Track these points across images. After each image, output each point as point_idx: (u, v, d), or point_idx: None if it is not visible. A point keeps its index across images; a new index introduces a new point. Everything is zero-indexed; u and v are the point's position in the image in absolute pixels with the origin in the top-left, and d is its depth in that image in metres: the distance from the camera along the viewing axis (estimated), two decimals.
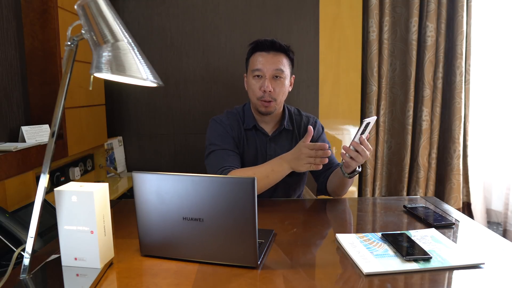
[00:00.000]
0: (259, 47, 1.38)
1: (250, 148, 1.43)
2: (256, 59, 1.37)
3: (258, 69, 1.36)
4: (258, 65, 1.36)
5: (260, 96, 1.36)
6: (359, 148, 1.14)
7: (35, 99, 1.62)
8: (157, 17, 2.28)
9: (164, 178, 0.85)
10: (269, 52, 1.36)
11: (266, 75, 1.35)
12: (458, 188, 2.32)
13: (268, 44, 1.36)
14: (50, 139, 0.80)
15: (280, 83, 1.37)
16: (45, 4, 1.56)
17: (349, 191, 2.39)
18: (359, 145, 1.14)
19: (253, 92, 1.38)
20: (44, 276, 0.83)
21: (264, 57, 1.36)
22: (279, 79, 1.37)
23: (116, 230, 1.07)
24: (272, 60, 1.35)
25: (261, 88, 1.35)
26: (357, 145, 1.14)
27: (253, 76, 1.38)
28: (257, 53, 1.38)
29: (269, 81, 1.35)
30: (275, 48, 1.36)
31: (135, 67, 0.76)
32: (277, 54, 1.37)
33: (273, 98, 1.36)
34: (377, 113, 2.34)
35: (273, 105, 1.38)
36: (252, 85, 1.38)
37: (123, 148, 2.40)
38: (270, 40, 1.37)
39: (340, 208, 1.32)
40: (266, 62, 1.35)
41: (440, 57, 2.26)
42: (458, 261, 0.84)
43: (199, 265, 0.86)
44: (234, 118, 1.45)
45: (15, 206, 1.31)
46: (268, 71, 1.35)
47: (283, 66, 1.36)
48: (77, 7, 0.76)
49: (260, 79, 1.37)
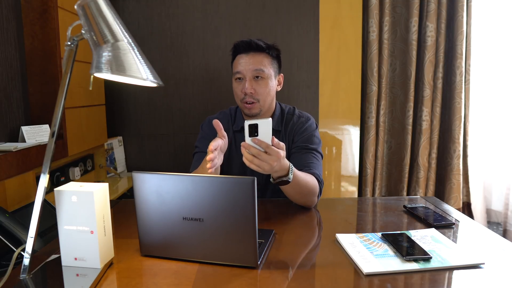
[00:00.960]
0: (237, 49, 1.37)
1: (238, 149, 1.40)
2: (237, 61, 1.36)
3: (238, 71, 1.34)
4: (238, 67, 1.34)
5: (242, 98, 1.35)
6: (252, 150, 0.99)
7: (35, 99, 1.62)
8: (157, 17, 2.28)
9: (164, 178, 0.85)
10: (248, 53, 1.34)
11: (246, 77, 1.33)
12: (458, 188, 2.32)
13: (245, 45, 1.34)
14: (50, 139, 0.80)
15: (262, 83, 1.34)
16: (45, 4, 1.56)
17: (349, 191, 2.39)
18: (251, 146, 0.99)
19: (236, 95, 1.38)
20: (44, 276, 0.83)
21: (243, 58, 1.34)
22: (260, 80, 1.34)
23: (116, 230, 1.07)
24: (251, 61, 1.33)
25: (242, 90, 1.34)
26: (248, 146, 0.99)
27: (235, 79, 1.37)
28: (237, 56, 1.37)
29: (249, 82, 1.33)
30: (252, 48, 1.34)
31: (135, 67, 0.76)
32: (256, 54, 1.34)
33: (256, 99, 1.34)
34: (377, 113, 2.34)
35: (256, 106, 1.35)
36: (235, 88, 1.38)
37: (123, 148, 2.40)
38: (247, 41, 1.34)
39: (340, 208, 1.32)
40: (245, 64, 1.33)
41: (440, 57, 2.26)
42: (458, 261, 0.84)
43: (199, 265, 0.86)
44: (224, 119, 1.45)
45: (15, 206, 1.31)
46: (248, 73, 1.33)
47: (263, 66, 1.33)
48: (77, 7, 0.76)
49: (241, 82, 1.35)
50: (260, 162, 0.99)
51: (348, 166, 2.38)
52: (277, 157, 1.00)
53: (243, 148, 1.00)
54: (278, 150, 1.00)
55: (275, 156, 1.00)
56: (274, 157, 1.00)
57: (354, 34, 2.29)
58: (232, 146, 1.41)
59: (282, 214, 1.21)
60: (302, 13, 2.28)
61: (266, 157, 0.99)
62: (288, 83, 2.33)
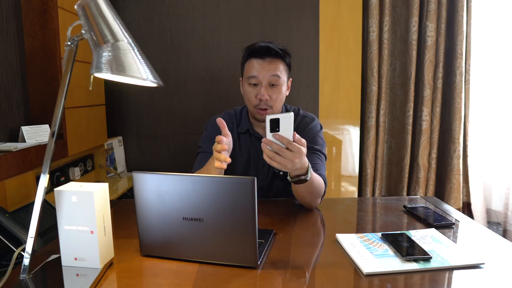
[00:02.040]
0: (254, 53, 1.32)
1: (243, 152, 1.40)
2: (252, 65, 1.32)
3: (254, 76, 1.30)
4: (253, 72, 1.31)
5: (256, 104, 1.32)
6: (274, 146, 0.96)
7: (35, 99, 1.62)
8: (157, 17, 2.28)
9: (164, 178, 0.85)
10: (265, 58, 1.30)
11: (262, 83, 1.30)
12: (458, 188, 2.32)
13: (264, 51, 1.30)
14: (50, 139, 0.80)
15: (277, 91, 1.32)
16: (45, 4, 1.56)
17: (349, 191, 2.39)
18: (272, 142, 0.95)
19: (249, 100, 1.34)
20: (44, 276, 0.83)
21: (260, 64, 1.30)
22: (275, 87, 1.32)
23: (116, 230, 1.07)
24: (268, 67, 1.30)
25: (257, 96, 1.31)
26: (269, 142, 0.96)
27: (248, 84, 1.33)
28: (252, 60, 1.32)
29: (265, 89, 1.30)
30: (270, 54, 1.30)
31: (135, 67, 0.76)
32: (273, 61, 1.31)
33: (269, 105, 1.32)
34: (377, 113, 2.34)
35: (269, 113, 1.33)
36: (248, 93, 1.34)
37: (123, 148, 2.40)
38: (265, 46, 1.30)
39: (340, 208, 1.32)
40: (262, 69, 1.30)
41: (440, 57, 2.26)
42: (458, 261, 0.84)
43: (199, 265, 0.86)
44: (229, 119, 1.43)
45: (15, 206, 1.31)
46: (265, 79, 1.30)
47: (279, 73, 1.31)
48: (77, 7, 0.76)
49: (256, 87, 1.32)
50: (282, 159, 0.96)
51: (348, 166, 2.38)
52: (300, 154, 0.96)
53: (264, 144, 0.96)
54: (300, 147, 0.96)
55: (297, 152, 0.96)
56: (297, 154, 0.96)
57: (354, 34, 2.29)
58: (236, 147, 1.40)
59: (282, 214, 1.21)
60: (302, 13, 2.28)
61: (288, 153, 0.95)
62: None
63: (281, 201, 1.37)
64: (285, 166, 0.97)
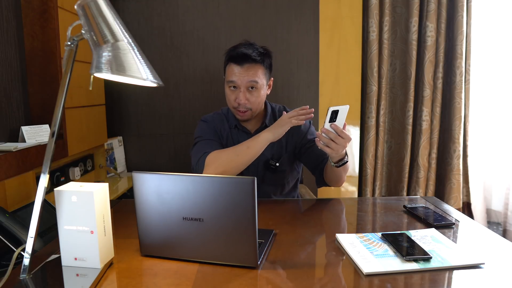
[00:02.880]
0: (232, 58, 1.36)
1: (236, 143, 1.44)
2: (231, 71, 1.36)
3: (232, 81, 1.36)
4: (232, 77, 1.35)
5: (235, 106, 1.38)
6: (331, 135, 1.13)
7: (35, 99, 1.62)
8: (157, 17, 2.28)
9: (164, 178, 0.85)
10: (243, 65, 1.34)
11: (241, 88, 1.36)
12: (458, 188, 2.32)
13: (242, 57, 1.34)
14: (50, 139, 0.80)
15: (255, 94, 1.37)
16: (45, 4, 1.56)
17: (349, 191, 2.39)
18: (330, 131, 1.13)
19: (229, 102, 1.41)
20: (44, 276, 0.83)
21: (238, 70, 1.35)
22: (254, 90, 1.36)
23: (116, 230, 1.07)
24: (246, 73, 1.34)
25: (236, 100, 1.37)
26: (327, 131, 1.13)
27: (228, 87, 1.39)
28: (231, 65, 1.37)
29: (243, 94, 1.35)
30: (248, 60, 1.34)
31: (135, 67, 0.76)
32: (251, 66, 1.34)
33: (249, 107, 1.38)
34: (377, 113, 2.34)
35: (248, 114, 1.40)
36: (228, 95, 1.40)
37: (123, 148, 2.40)
38: (243, 53, 1.34)
39: (340, 208, 1.32)
40: (240, 75, 1.34)
41: (440, 57, 2.26)
42: (458, 261, 0.84)
43: (199, 265, 0.86)
44: (219, 117, 1.50)
45: (15, 206, 1.31)
46: (242, 84, 1.35)
47: (257, 78, 1.35)
48: (77, 7, 0.76)
49: (235, 90, 1.37)
50: (336, 145, 1.13)
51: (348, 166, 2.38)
52: (349, 140, 1.15)
53: (322, 133, 1.13)
54: (348, 134, 1.14)
55: (347, 139, 1.14)
56: (347, 140, 1.14)
57: (354, 34, 2.29)
58: (229, 139, 1.46)
59: (282, 214, 1.21)
60: (302, 13, 2.28)
61: (341, 140, 1.13)
62: (288, 83, 2.33)
63: (281, 201, 1.37)
64: (337, 151, 1.16)
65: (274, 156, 1.44)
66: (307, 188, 1.87)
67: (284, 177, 1.48)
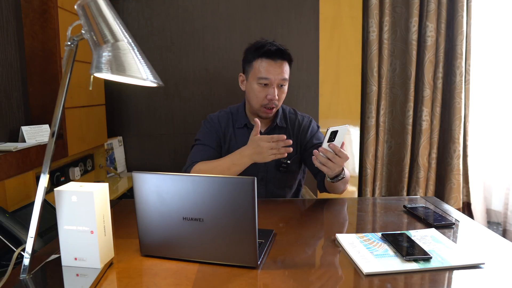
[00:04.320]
0: (266, 54, 1.34)
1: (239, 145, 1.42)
2: (263, 66, 1.34)
3: (266, 77, 1.34)
4: (265, 73, 1.34)
5: (265, 103, 1.37)
6: (329, 154, 1.11)
7: (35, 99, 1.62)
8: (157, 17, 2.28)
9: (164, 178, 0.85)
10: (276, 61, 1.34)
11: (273, 84, 1.35)
12: (458, 188, 2.32)
13: (277, 53, 1.34)
14: (50, 139, 0.80)
15: (283, 91, 1.40)
16: (45, 4, 1.56)
17: (349, 191, 2.39)
18: (328, 151, 1.11)
19: (257, 99, 1.38)
20: (44, 276, 0.83)
21: (272, 66, 1.34)
22: (282, 87, 1.39)
23: (116, 230, 1.07)
24: (280, 70, 1.35)
25: (268, 97, 1.35)
26: (325, 151, 1.11)
27: (258, 83, 1.36)
28: (263, 60, 1.34)
29: (276, 90, 1.36)
30: (282, 57, 1.35)
31: (135, 67, 0.76)
32: (283, 63, 1.36)
33: (276, 104, 1.39)
34: (377, 113, 2.34)
35: (274, 111, 1.42)
36: (258, 92, 1.37)
37: (123, 148, 2.40)
38: (279, 49, 1.35)
39: (340, 208, 1.32)
40: (274, 72, 1.34)
41: (440, 57, 2.26)
42: (458, 261, 0.84)
43: (199, 265, 0.86)
44: (225, 117, 1.50)
45: (15, 206, 1.31)
46: (276, 80, 1.35)
47: (287, 75, 1.38)
48: (77, 7, 0.76)
49: (265, 87, 1.36)
50: (333, 164, 1.12)
51: (348, 166, 2.38)
52: (346, 159, 1.13)
53: (319, 152, 1.12)
54: (346, 153, 1.12)
55: (345, 158, 1.12)
56: (344, 159, 1.13)
57: (354, 34, 2.29)
58: (232, 141, 1.46)
59: (282, 214, 1.21)
60: (302, 13, 2.28)
61: (338, 160, 1.12)
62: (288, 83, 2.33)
63: (281, 201, 1.37)
64: (334, 170, 1.14)
65: None
66: (307, 188, 1.87)
67: (293, 177, 1.49)
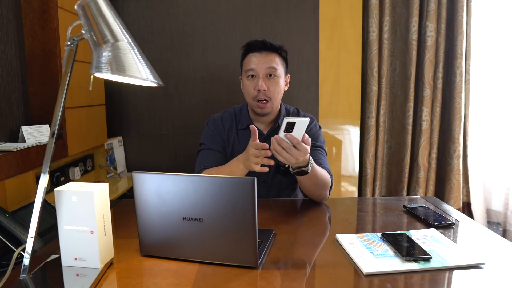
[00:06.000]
0: (251, 48, 1.40)
1: (242, 147, 1.43)
2: (249, 59, 1.39)
3: (251, 68, 1.38)
4: (251, 65, 1.38)
5: (255, 95, 1.38)
6: (284, 144, 1.06)
7: (35, 99, 1.62)
8: (157, 17, 2.28)
9: (164, 178, 0.85)
10: (261, 52, 1.38)
11: (260, 74, 1.37)
12: (458, 188, 2.32)
13: (259, 44, 1.39)
14: (50, 139, 0.80)
15: (274, 82, 1.38)
16: (45, 4, 1.56)
17: (349, 191, 2.39)
18: (283, 140, 1.06)
19: (248, 93, 1.40)
20: (44, 276, 0.84)
21: (257, 57, 1.38)
22: (273, 78, 1.38)
23: (116, 230, 1.07)
24: (265, 59, 1.37)
25: (255, 88, 1.37)
26: (280, 140, 1.07)
27: (247, 77, 1.40)
28: (249, 54, 1.40)
29: (263, 80, 1.37)
30: (266, 47, 1.39)
31: (135, 67, 0.76)
32: (269, 54, 1.38)
33: (268, 97, 1.38)
34: (377, 113, 2.34)
35: (269, 105, 1.39)
36: (247, 86, 1.40)
37: (123, 148, 2.40)
38: (261, 40, 1.39)
39: (340, 208, 1.32)
40: (258, 62, 1.37)
41: (440, 57, 2.26)
42: (458, 261, 0.84)
43: (199, 265, 0.86)
44: (228, 117, 1.49)
45: (15, 206, 1.31)
46: (262, 70, 1.37)
47: (275, 65, 1.38)
48: (77, 7, 0.76)
49: (254, 79, 1.38)
50: (289, 155, 1.07)
51: (348, 166, 2.38)
52: (305, 153, 1.08)
53: (274, 140, 1.07)
54: (306, 147, 1.07)
55: (303, 152, 1.07)
56: (302, 153, 1.07)
57: (354, 34, 2.29)
58: (235, 143, 1.45)
59: (282, 214, 1.21)
60: (302, 13, 2.28)
61: (295, 152, 1.07)
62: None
63: (281, 201, 1.37)
64: (289, 161, 1.09)
65: None
66: None
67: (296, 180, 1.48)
